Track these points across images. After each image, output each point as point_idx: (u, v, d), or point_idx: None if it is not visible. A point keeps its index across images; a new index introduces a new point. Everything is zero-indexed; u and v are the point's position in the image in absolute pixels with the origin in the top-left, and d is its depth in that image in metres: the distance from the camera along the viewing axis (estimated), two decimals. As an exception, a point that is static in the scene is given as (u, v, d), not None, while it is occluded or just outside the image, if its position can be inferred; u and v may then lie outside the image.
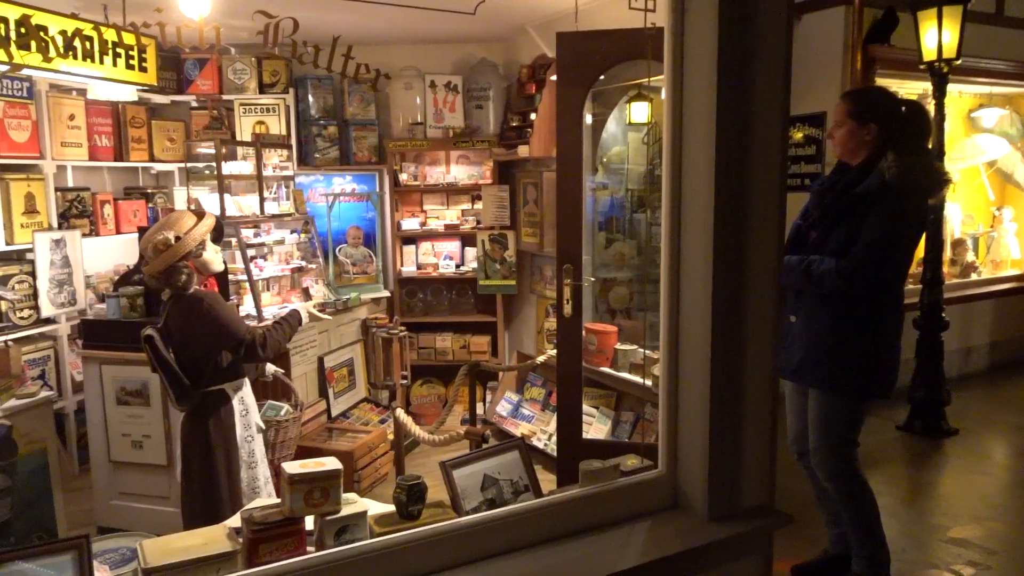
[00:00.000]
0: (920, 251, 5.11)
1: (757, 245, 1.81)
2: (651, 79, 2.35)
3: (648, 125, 4.88)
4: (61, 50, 2.57)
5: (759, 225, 1.80)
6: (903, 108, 2.86)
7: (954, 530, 3.54)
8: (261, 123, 5.68)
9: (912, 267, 5.25)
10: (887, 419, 4.95)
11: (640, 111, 4.81)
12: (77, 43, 3.60)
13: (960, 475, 4.37)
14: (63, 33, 3.39)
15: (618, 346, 4.28)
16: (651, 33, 1.95)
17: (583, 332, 4.04)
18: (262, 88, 5.73)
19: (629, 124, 4.88)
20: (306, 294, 4.91)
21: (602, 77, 3.84)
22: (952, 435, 4.79)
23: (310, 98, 5.81)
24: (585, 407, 4.22)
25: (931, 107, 4.83)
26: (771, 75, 1.76)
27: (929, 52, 4.66)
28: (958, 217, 6.63)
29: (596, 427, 4.40)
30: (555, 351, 4.13)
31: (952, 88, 5.12)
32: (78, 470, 4.54)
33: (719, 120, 1.73)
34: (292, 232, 5.15)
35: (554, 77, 4.96)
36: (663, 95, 3.62)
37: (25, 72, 4.09)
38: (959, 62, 4.67)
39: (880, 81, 5.20)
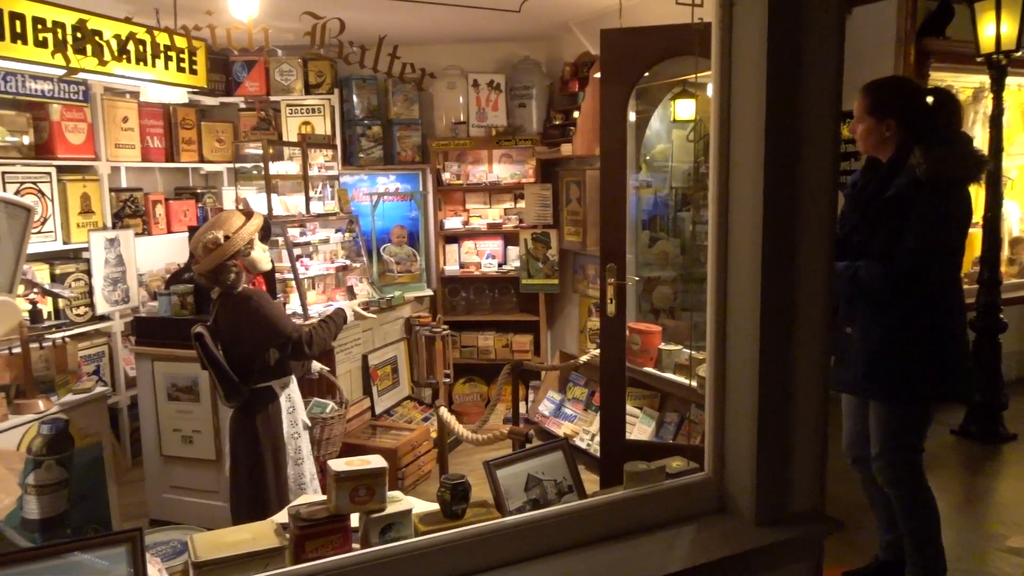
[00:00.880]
0: (976, 250, 4.96)
1: (808, 244, 1.76)
2: (698, 76, 2.32)
3: (693, 122, 4.82)
4: (115, 53, 2.64)
5: (810, 223, 1.76)
6: (928, 98, 2.73)
7: (1013, 539, 3.42)
8: (307, 123, 5.76)
9: (967, 266, 5.10)
10: (943, 423, 4.81)
11: (685, 108, 4.75)
12: (130, 47, 3.69)
13: (1018, 481, 4.22)
14: (117, 37, 3.48)
15: (662, 346, 4.23)
16: (699, 29, 1.91)
17: (627, 332, 4.00)
18: (308, 89, 5.80)
19: (673, 121, 4.82)
20: (350, 292, 4.97)
21: (646, 74, 3.80)
22: (1010, 440, 4.64)
23: (355, 98, 5.87)
24: (628, 407, 4.18)
25: (989, 101, 4.68)
26: (822, 70, 1.72)
27: (987, 44, 4.51)
28: (1016, 215, 6.40)
29: (639, 428, 4.36)
30: (598, 351, 4.10)
31: (1011, 81, 4.95)
32: (131, 463, 4.66)
33: (768, 117, 1.69)
34: (337, 231, 5.21)
35: (598, 75, 4.93)
36: (709, 91, 3.56)
37: (81, 76, 4.21)
38: (1019, 54, 4.51)
39: (935, 75, 5.05)
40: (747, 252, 1.77)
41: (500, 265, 5.93)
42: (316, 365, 3.41)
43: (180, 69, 4.61)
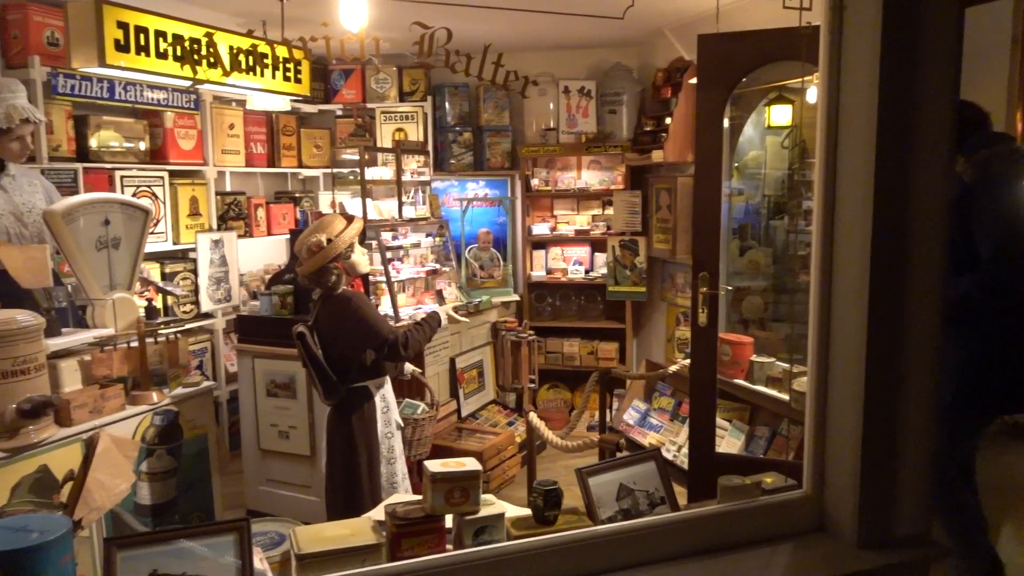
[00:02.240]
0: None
1: (919, 256, 1.69)
2: (804, 80, 2.25)
3: (789, 128, 4.69)
4: (227, 67, 2.78)
5: (922, 235, 1.69)
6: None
7: None
8: (400, 130, 5.90)
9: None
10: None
11: (781, 114, 4.63)
12: (241, 57, 3.87)
13: None
14: (230, 48, 3.66)
15: (754, 358, 4.12)
16: (806, 32, 1.86)
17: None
18: (402, 96, 5.95)
19: (768, 127, 4.70)
20: (439, 296, 5.05)
21: (743, 80, 3.72)
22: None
23: (447, 105, 5.98)
24: (717, 420, 4.09)
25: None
26: (938, 76, 1.64)
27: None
28: None
29: (728, 441, 4.26)
30: (687, 360, 4.03)
31: None
32: (230, 456, 4.87)
33: (880, 124, 1.63)
34: (427, 236, 5.31)
35: (692, 80, 4.86)
36: (809, 97, 3.45)
37: (189, 84, 4.45)
38: None
39: (1055, 78, 4.74)
40: (854, 264, 1.71)
41: (587, 272, 5.92)
42: (408, 367, 3.49)
43: (286, 79, 4.81)
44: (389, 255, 4.80)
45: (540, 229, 5.97)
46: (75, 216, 2.72)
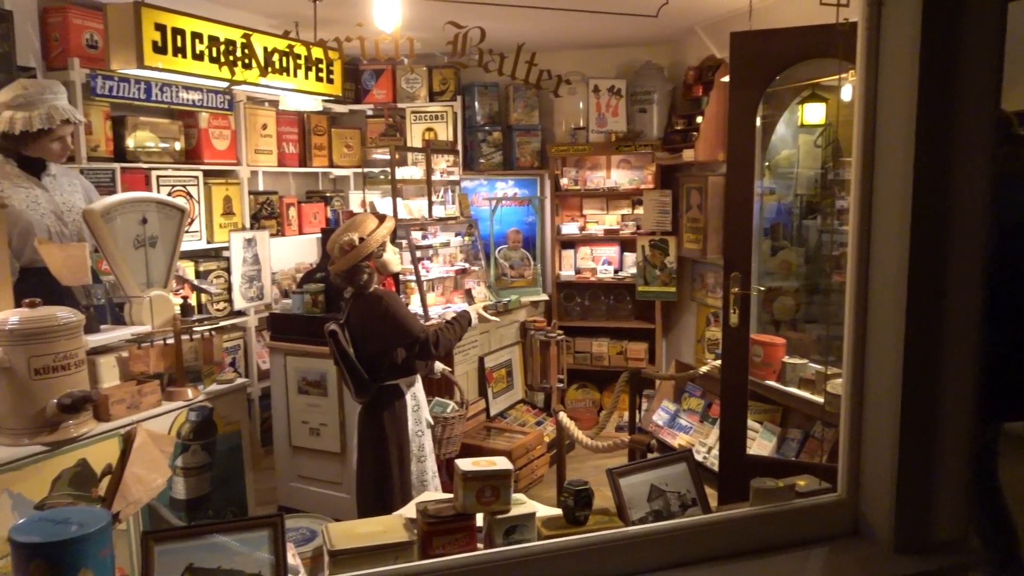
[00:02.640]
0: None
1: (959, 256, 1.66)
2: (840, 78, 2.22)
3: (822, 127, 4.63)
4: (263, 67, 2.82)
5: (962, 234, 1.66)
6: None
7: None
8: (430, 130, 5.93)
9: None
10: None
11: (814, 112, 4.57)
12: (275, 58, 3.92)
13: None
14: (264, 49, 3.70)
15: (786, 359, 4.08)
16: (843, 29, 1.83)
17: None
18: (432, 96, 5.97)
19: (801, 126, 4.64)
20: (468, 295, 5.06)
21: (776, 78, 3.68)
22: None
23: (476, 105, 5.99)
24: (748, 421, 4.05)
25: None
26: (980, 74, 1.61)
27: None
28: None
29: (760, 443, 4.22)
30: (718, 361, 4.00)
31: None
32: (262, 452, 4.93)
33: (919, 122, 1.60)
34: (456, 235, 5.33)
35: (724, 79, 4.82)
36: (844, 95, 3.40)
37: (226, 85, 4.51)
38: None
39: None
40: (892, 263, 1.68)
41: (616, 271, 5.89)
42: (439, 365, 3.50)
43: (318, 79, 4.86)
44: (419, 254, 4.82)
45: (569, 228, 5.96)
46: (114, 215, 2.77)
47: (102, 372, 2.58)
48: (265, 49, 3.74)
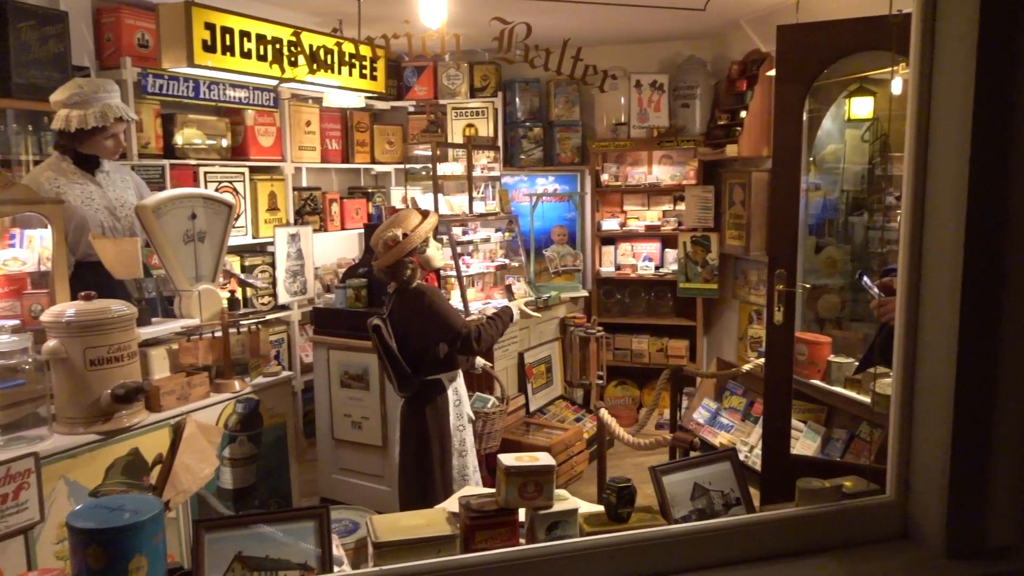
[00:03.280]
0: None
1: (1018, 249, 1.61)
2: (893, 70, 2.17)
3: (870, 121, 4.53)
4: (311, 65, 2.86)
5: (1021, 228, 1.61)
6: None
7: None
8: (471, 126, 5.94)
9: None
10: None
11: (862, 106, 4.48)
12: (320, 56, 3.97)
13: None
14: (310, 47, 3.75)
15: (831, 358, 4.00)
16: (896, 21, 1.79)
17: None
18: (472, 92, 5.99)
19: (848, 120, 4.56)
20: (508, 291, 5.07)
21: (824, 72, 3.62)
22: None
23: (517, 100, 5.99)
24: (792, 421, 3.99)
25: None
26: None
27: None
28: None
29: (803, 443, 4.15)
30: (761, 359, 3.95)
31: None
32: (306, 444, 5.01)
33: (976, 117, 1.56)
34: (497, 231, 5.34)
35: (770, 73, 4.75)
36: (893, 88, 3.32)
37: (271, 83, 4.58)
38: None
39: None
40: (945, 259, 1.64)
41: (657, 268, 5.85)
42: (480, 360, 3.52)
43: (362, 76, 4.91)
44: (459, 250, 4.84)
45: (609, 225, 5.93)
46: (165, 210, 2.84)
47: (153, 364, 2.65)
48: (310, 47, 3.78)
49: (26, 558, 2.14)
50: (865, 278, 3.01)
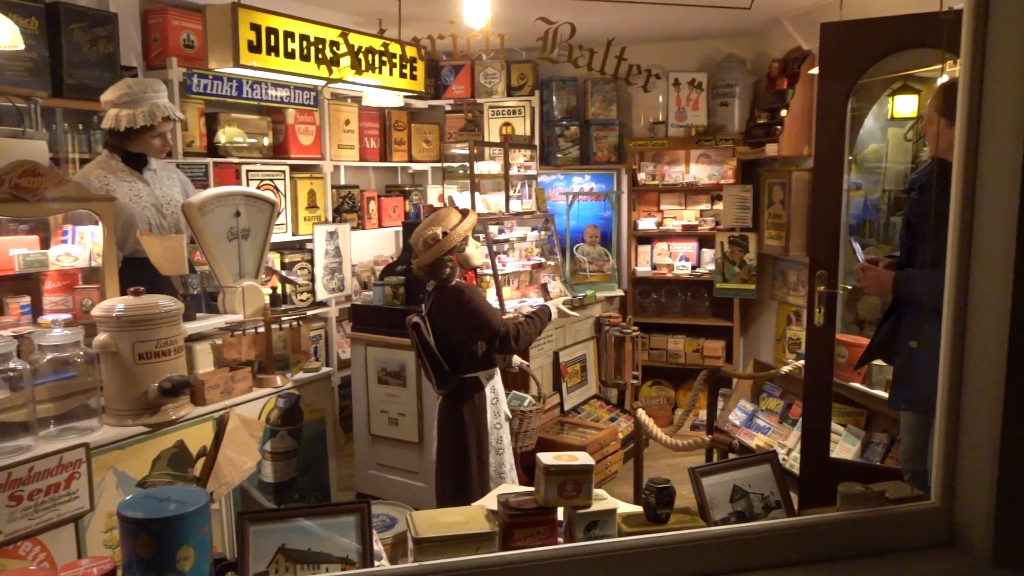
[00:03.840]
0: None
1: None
2: (943, 68, 2.13)
3: (914, 120, 4.45)
4: (358, 65, 2.90)
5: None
6: None
7: None
8: (507, 124, 5.96)
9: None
10: None
11: (905, 104, 4.40)
12: (361, 56, 4.01)
13: None
14: (351, 47, 3.79)
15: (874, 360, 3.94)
16: (947, 18, 1.76)
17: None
18: (510, 91, 6.00)
19: (891, 119, 4.48)
20: (544, 290, 5.07)
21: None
22: None
23: (554, 99, 5.99)
24: (831, 424, 3.94)
25: None
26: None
27: None
28: None
29: (842, 446, 4.09)
30: (800, 361, 3.90)
31: None
32: (344, 439, 5.07)
33: (1030, 116, 1.53)
34: (533, 229, 5.35)
35: (812, 71, 4.68)
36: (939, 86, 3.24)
37: (313, 82, 4.64)
38: None
39: None
40: (996, 263, 1.60)
41: (693, 268, 5.81)
42: (516, 359, 3.53)
43: (402, 75, 4.95)
44: (495, 248, 4.86)
45: (646, 224, 5.90)
46: (210, 208, 2.89)
47: (198, 358, 2.70)
48: (351, 47, 3.82)
49: (76, 546, 2.21)
50: (856, 244, 2.99)
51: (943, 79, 3.18)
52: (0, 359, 2.05)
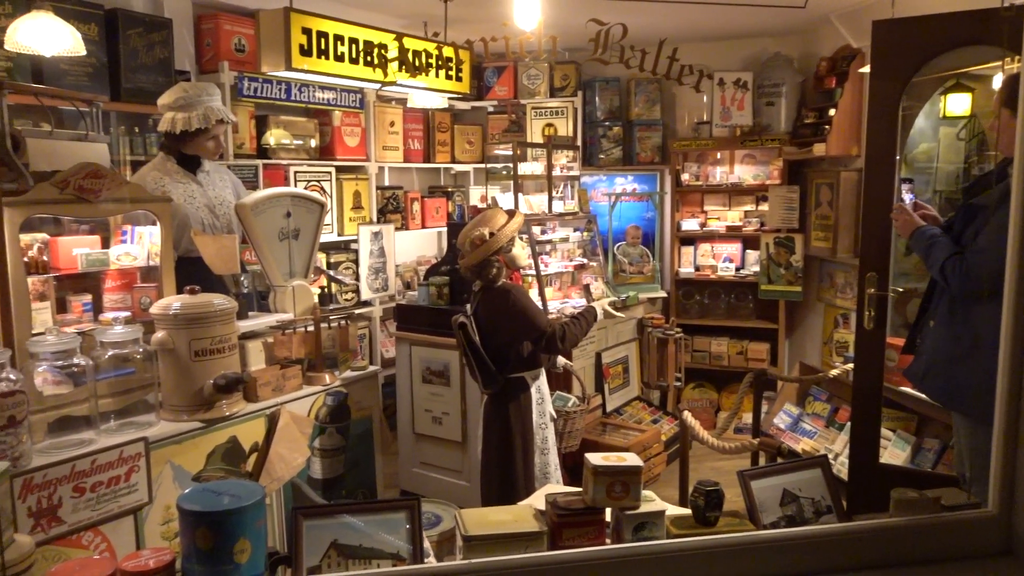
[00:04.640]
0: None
1: None
2: (1004, 66, 2.09)
3: (967, 119, 4.35)
4: (412, 68, 2.94)
5: None
6: None
7: None
8: (550, 125, 5.96)
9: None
10: None
11: (958, 103, 4.30)
12: (409, 57, 4.06)
13: None
14: (401, 50, 3.84)
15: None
16: (1008, 15, 1.72)
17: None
18: (552, 92, 6.00)
19: (943, 118, 4.38)
20: (586, 291, 5.07)
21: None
22: None
23: (596, 100, 5.98)
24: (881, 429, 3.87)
25: None
26: None
27: None
28: None
29: (891, 452, 4.02)
30: (848, 365, 3.83)
31: None
32: (391, 437, 5.13)
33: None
34: (575, 230, 5.34)
35: (862, 69, 4.61)
36: (994, 84, 3.17)
37: (359, 85, 4.70)
38: None
39: None
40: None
41: (737, 269, 5.74)
42: (561, 360, 3.53)
43: (448, 77, 4.98)
44: (538, 249, 4.86)
45: (689, 225, 5.86)
46: (261, 209, 2.96)
47: (250, 356, 2.77)
48: (401, 49, 3.87)
49: (135, 537, 2.28)
50: (910, 195, 2.98)
51: (998, 76, 3.11)
52: (65, 355, 2.13)
